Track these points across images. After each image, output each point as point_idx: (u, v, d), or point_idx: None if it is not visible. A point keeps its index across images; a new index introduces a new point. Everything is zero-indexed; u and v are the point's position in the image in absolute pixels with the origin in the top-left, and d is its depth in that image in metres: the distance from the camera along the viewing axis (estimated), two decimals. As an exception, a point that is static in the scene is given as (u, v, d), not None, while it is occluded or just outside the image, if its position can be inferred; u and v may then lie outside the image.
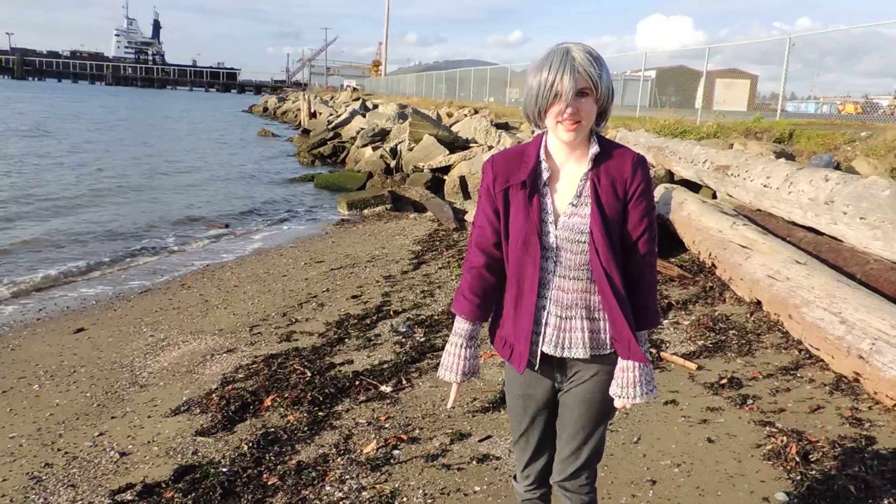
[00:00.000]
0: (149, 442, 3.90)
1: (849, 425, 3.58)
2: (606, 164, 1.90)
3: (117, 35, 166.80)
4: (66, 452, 3.84)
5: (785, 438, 3.44)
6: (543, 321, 1.97)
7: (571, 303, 1.93)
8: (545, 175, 1.93)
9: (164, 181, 17.81)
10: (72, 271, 8.88)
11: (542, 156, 1.95)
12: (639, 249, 1.93)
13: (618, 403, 1.99)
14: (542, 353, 2.00)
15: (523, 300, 1.97)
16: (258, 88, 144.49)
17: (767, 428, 3.59)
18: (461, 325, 2.08)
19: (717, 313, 5.38)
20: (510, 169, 1.96)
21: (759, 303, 5.30)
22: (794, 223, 6.19)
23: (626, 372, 1.95)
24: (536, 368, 2.03)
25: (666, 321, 5.31)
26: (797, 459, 3.23)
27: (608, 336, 1.96)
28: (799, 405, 3.84)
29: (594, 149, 1.90)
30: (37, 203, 13.51)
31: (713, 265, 6.19)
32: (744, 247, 5.75)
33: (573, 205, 1.91)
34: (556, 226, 1.92)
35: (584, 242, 1.89)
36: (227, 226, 12.15)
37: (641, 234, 1.92)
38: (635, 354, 1.92)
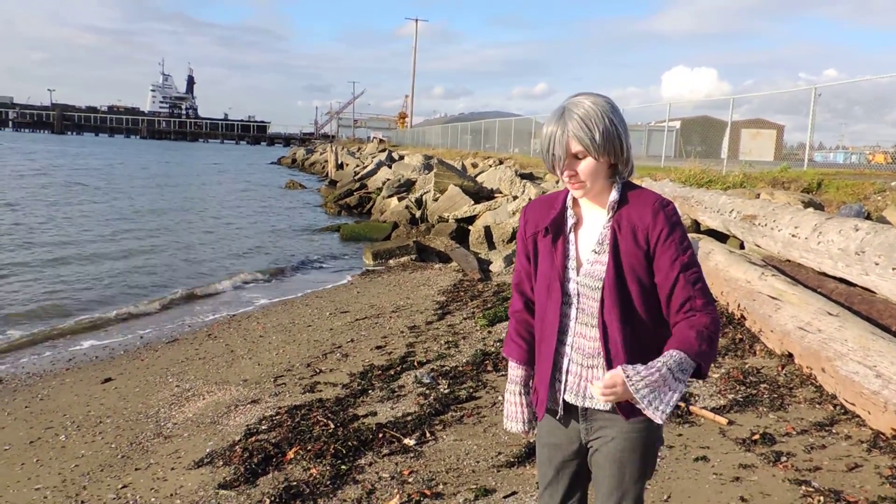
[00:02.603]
0: (171, 494, 3.89)
1: (889, 485, 3.44)
2: (628, 212, 1.87)
3: (153, 90, 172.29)
4: (89, 504, 3.83)
5: (822, 498, 3.31)
6: (564, 368, 1.95)
7: (594, 351, 1.90)
8: (570, 222, 1.96)
9: (193, 231, 18.15)
10: (101, 320, 9.01)
11: (569, 202, 1.98)
12: (678, 295, 1.82)
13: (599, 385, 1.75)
14: (566, 401, 1.97)
15: (544, 345, 1.98)
16: (287, 141, 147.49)
17: (803, 487, 3.47)
18: (515, 372, 2.11)
19: (747, 366, 5.26)
20: (540, 215, 2.01)
21: (790, 355, 5.17)
22: (824, 274, 6.08)
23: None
24: (559, 417, 2.01)
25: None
26: (835, 521, 3.11)
27: None
28: (835, 463, 3.71)
29: (613, 196, 1.89)
30: (70, 249, 13.81)
31: (742, 316, 6.08)
32: (773, 298, 5.65)
33: (595, 252, 1.90)
34: (577, 272, 1.92)
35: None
36: (253, 276, 12.27)
37: (676, 280, 1.82)
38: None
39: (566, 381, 1.95)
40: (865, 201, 8.90)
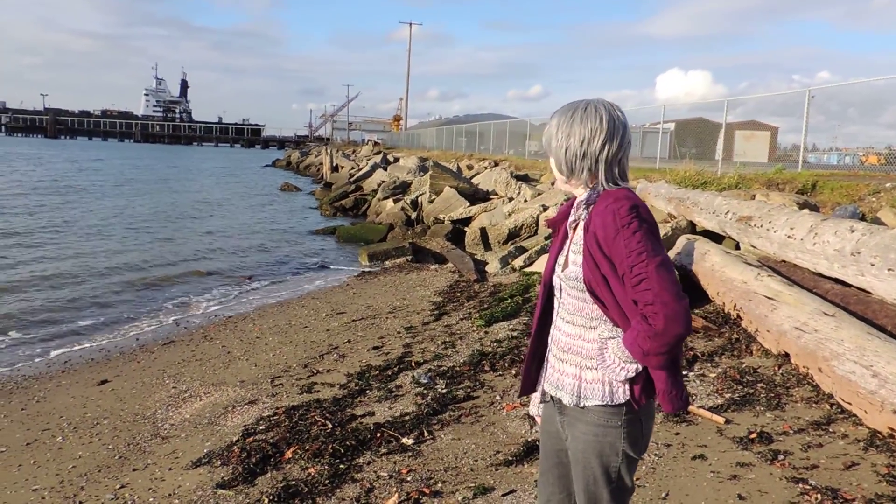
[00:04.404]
0: (170, 495, 3.88)
1: (886, 483, 3.45)
2: (595, 215, 1.89)
3: (146, 94, 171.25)
4: (86, 505, 3.82)
5: (819, 496, 3.33)
6: (545, 357, 2.08)
7: (566, 346, 1.99)
8: (571, 219, 2.03)
9: (189, 234, 18.09)
10: (96, 323, 8.98)
11: (578, 202, 2.03)
12: (631, 296, 1.82)
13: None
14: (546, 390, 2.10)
15: (533, 332, 2.12)
16: (281, 143, 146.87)
17: (800, 485, 3.48)
18: None
19: (744, 365, 5.29)
20: (560, 210, 2.13)
21: (787, 355, 5.20)
22: (820, 274, 6.10)
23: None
24: (547, 400, 2.11)
25: (691, 373, 5.22)
26: (833, 518, 3.12)
27: (598, 387, 1.92)
28: (832, 461, 3.73)
29: (581, 196, 1.96)
30: (63, 251, 13.77)
31: (738, 316, 6.10)
32: (769, 298, 5.67)
33: (573, 252, 1.97)
34: (562, 269, 2.01)
35: (578, 290, 1.94)
36: (249, 277, 12.26)
37: (624, 283, 1.82)
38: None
39: (546, 368, 2.07)
40: (860, 202, 8.95)
